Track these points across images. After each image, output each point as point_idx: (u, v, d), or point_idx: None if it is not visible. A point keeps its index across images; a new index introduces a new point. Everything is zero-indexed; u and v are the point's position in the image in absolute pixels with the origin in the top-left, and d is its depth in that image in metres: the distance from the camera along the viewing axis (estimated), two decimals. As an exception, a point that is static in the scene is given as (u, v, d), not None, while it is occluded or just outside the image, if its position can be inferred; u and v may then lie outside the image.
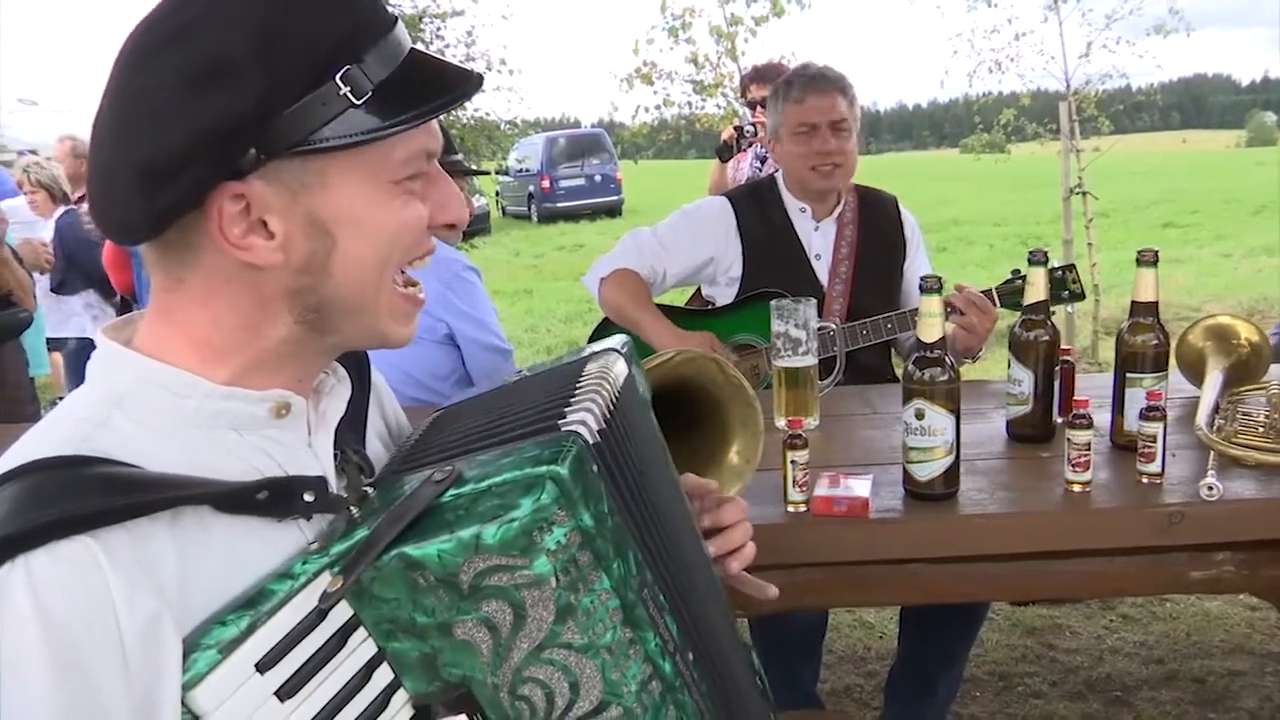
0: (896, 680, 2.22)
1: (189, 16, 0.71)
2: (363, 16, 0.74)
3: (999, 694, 2.55)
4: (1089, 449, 1.39)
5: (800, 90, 2.26)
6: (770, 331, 1.92)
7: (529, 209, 18.09)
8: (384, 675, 0.75)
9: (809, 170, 2.28)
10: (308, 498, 0.76)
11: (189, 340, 0.77)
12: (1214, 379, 1.65)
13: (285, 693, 0.69)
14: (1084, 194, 5.06)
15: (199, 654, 0.66)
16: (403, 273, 0.82)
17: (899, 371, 2.52)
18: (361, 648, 0.74)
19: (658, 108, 5.94)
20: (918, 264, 2.48)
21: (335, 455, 0.84)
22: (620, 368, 0.92)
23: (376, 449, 0.95)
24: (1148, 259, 1.51)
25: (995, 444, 1.65)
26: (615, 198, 17.82)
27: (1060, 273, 2.19)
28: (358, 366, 0.93)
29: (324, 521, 0.78)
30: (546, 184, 17.39)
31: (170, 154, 0.70)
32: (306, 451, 0.81)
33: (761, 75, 3.73)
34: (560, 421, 0.80)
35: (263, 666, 0.68)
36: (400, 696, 0.76)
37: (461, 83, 0.78)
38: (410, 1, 5.96)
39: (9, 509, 0.65)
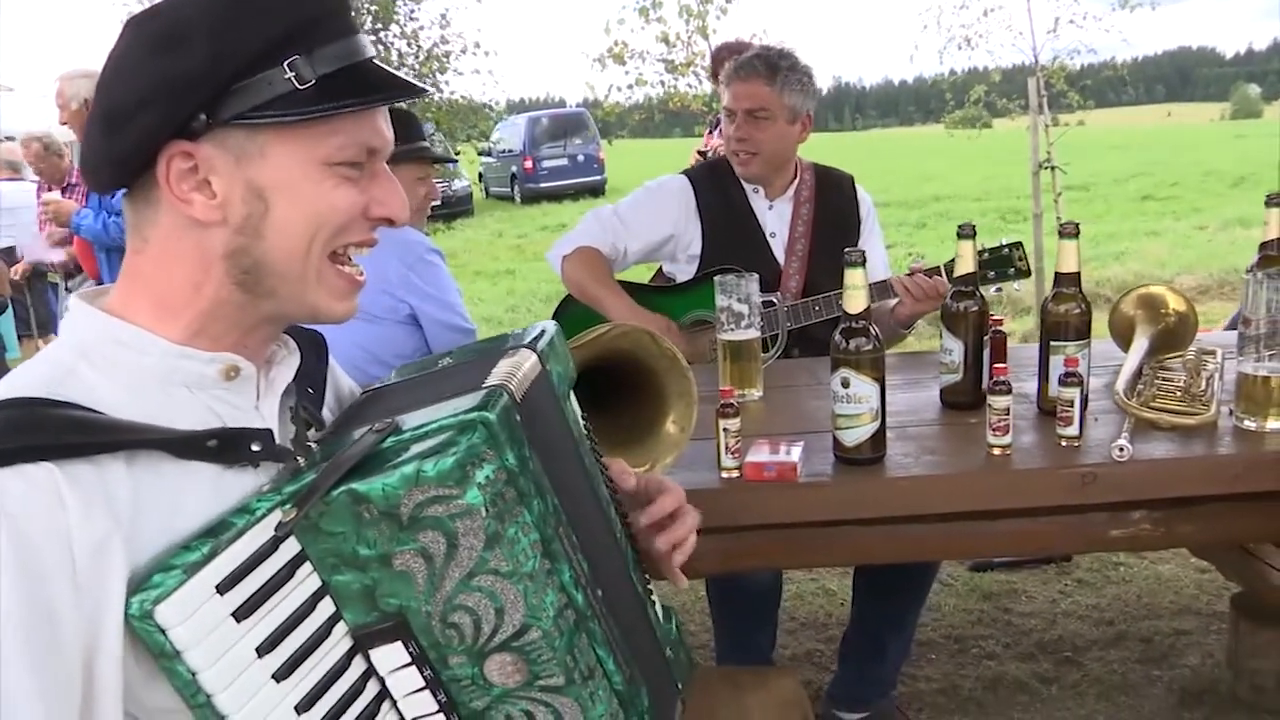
0: (849, 643, 2.30)
1: (165, 2, 0.84)
2: (321, 18, 0.84)
3: (953, 656, 2.63)
4: (1008, 414, 1.45)
5: (727, 76, 2.33)
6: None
7: (512, 190, 18.05)
8: (327, 606, 0.84)
9: (731, 154, 2.36)
10: (255, 447, 0.85)
11: (149, 298, 0.86)
12: (1138, 346, 1.72)
13: (241, 614, 0.77)
14: (1053, 168, 5.11)
15: (166, 574, 0.74)
16: (344, 254, 0.90)
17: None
18: (308, 580, 0.83)
19: (630, 87, 5.98)
20: (872, 241, 2.54)
21: (289, 413, 0.93)
22: (531, 364, 0.99)
23: (328, 420, 1.02)
24: (1069, 231, 1.57)
25: (929, 411, 1.71)
26: (598, 178, 17.80)
27: (1007, 250, 2.25)
28: (314, 344, 1.02)
29: (273, 471, 0.87)
30: (529, 164, 17.37)
31: (127, 102, 0.82)
32: (254, 414, 0.90)
33: (730, 52, 3.76)
34: (485, 383, 0.88)
35: (222, 588, 0.76)
36: (341, 627, 0.84)
37: (403, 90, 0.90)
38: (383, -17, 5.98)
39: None
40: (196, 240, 0.85)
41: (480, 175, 19.29)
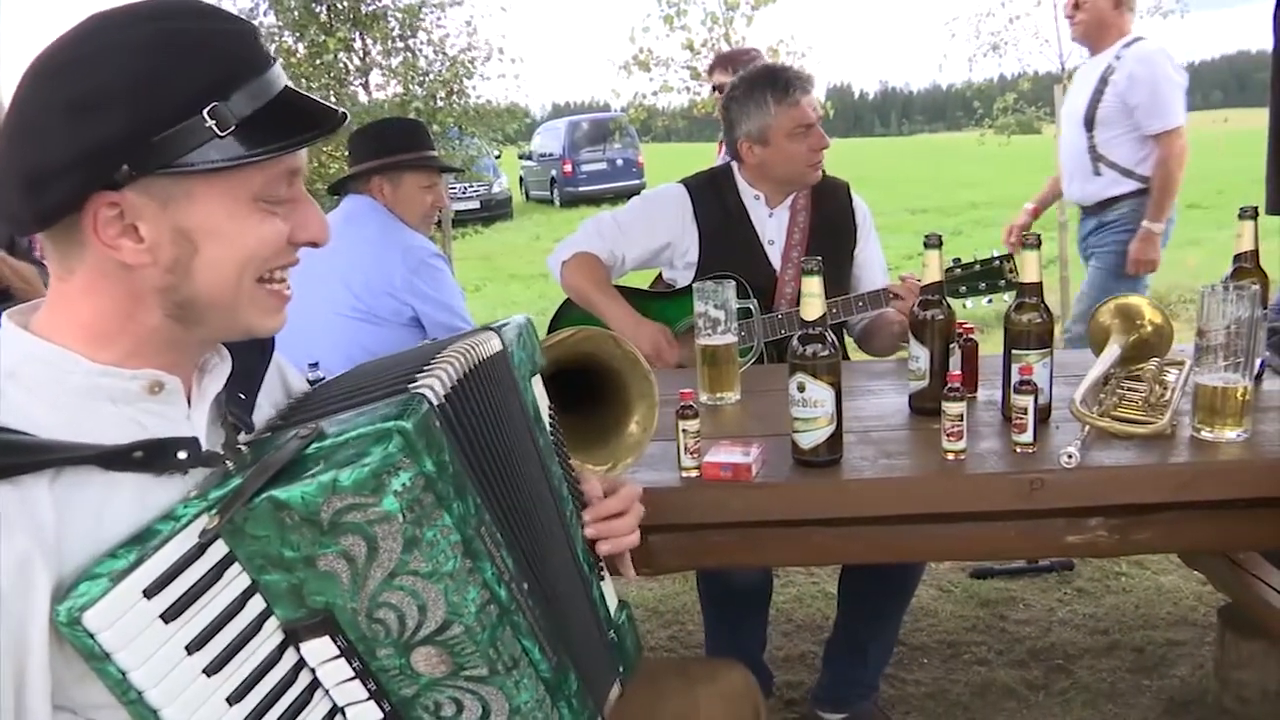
0: (833, 646, 2.33)
1: (81, 52, 0.85)
2: (233, 63, 0.86)
3: (945, 661, 2.65)
4: (961, 420, 1.49)
5: (794, 91, 2.31)
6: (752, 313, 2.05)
7: (551, 193, 18.21)
8: (257, 604, 0.88)
9: (807, 168, 2.36)
10: (181, 455, 0.89)
11: (76, 324, 0.89)
12: (1107, 355, 1.74)
13: (169, 615, 0.82)
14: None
15: (92, 582, 0.79)
16: (271, 275, 0.94)
17: (851, 351, 2.63)
18: (237, 580, 0.87)
19: (654, 94, 6.05)
20: (869, 249, 2.57)
21: (222, 419, 0.98)
22: (492, 344, 1.05)
23: (264, 419, 1.08)
24: (1031, 243, 1.60)
25: (897, 417, 1.75)
26: (637, 181, 17.87)
27: (997, 262, 2.28)
28: (259, 345, 1.06)
29: (202, 476, 0.92)
30: (569, 168, 17.49)
31: (49, 167, 0.83)
32: (184, 423, 0.94)
33: (727, 61, 3.80)
34: (410, 386, 0.94)
35: (149, 593, 0.81)
36: (272, 622, 0.89)
37: (323, 120, 0.91)
38: (410, -8, 6.15)
39: None
40: (126, 279, 0.88)
41: (520, 179, 19.48)
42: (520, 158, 19.24)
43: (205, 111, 0.83)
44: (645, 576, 3.26)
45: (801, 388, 1.48)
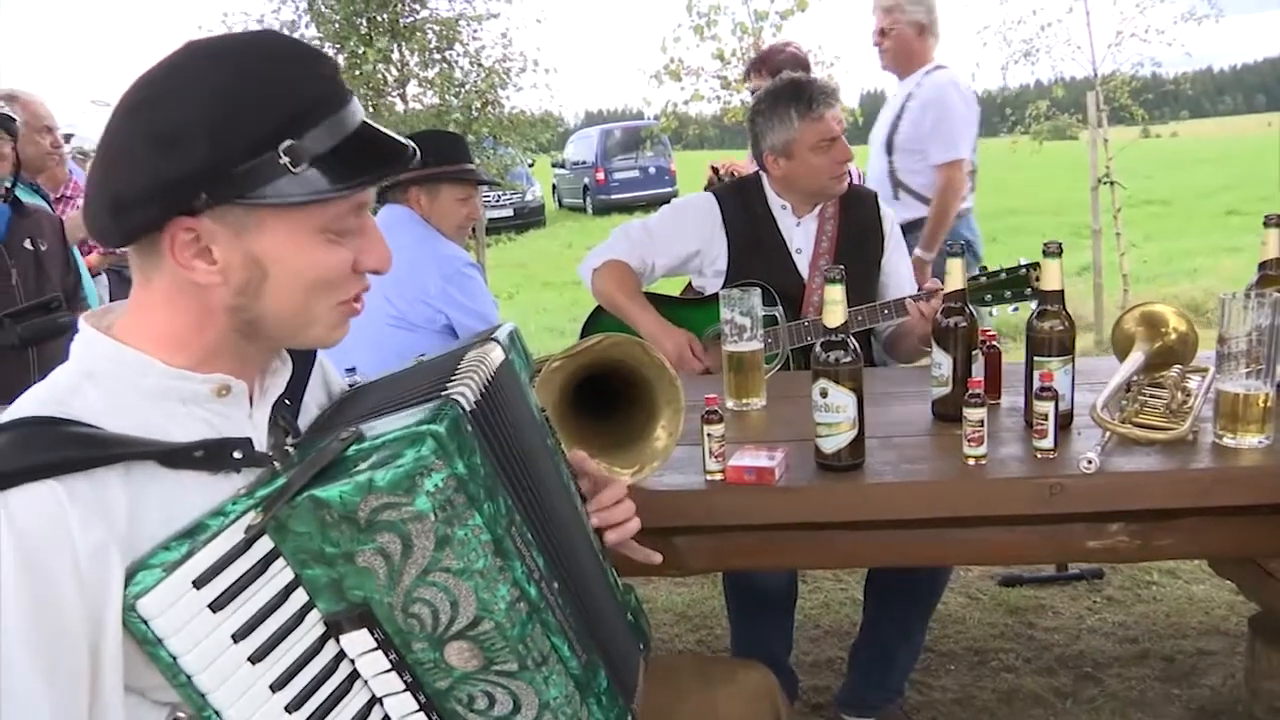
0: (858, 650, 2.36)
1: (165, 89, 0.92)
2: (308, 102, 0.91)
3: (972, 668, 2.66)
4: (982, 425, 1.52)
5: (818, 105, 2.34)
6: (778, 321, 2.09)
7: (584, 201, 18.31)
8: (300, 597, 0.93)
9: (830, 180, 2.40)
10: (236, 455, 0.96)
11: (153, 330, 0.96)
12: (1130, 362, 1.75)
13: (216, 605, 0.88)
14: (1111, 184, 5.04)
15: (147, 571, 0.85)
16: (340, 303, 0.99)
17: (877, 358, 2.65)
18: (281, 574, 0.92)
19: (686, 103, 6.11)
20: (896, 258, 2.59)
21: (274, 421, 1.04)
22: (496, 355, 1.09)
23: (315, 415, 1.15)
24: (1053, 250, 1.62)
25: (920, 423, 1.78)
26: (669, 189, 17.93)
27: (1024, 270, 2.29)
28: (305, 352, 1.12)
29: (254, 474, 0.97)
30: (601, 176, 17.59)
31: (133, 193, 0.90)
32: (247, 423, 1.00)
33: (761, 64, 3.82)
34: (443, 391, 0.99)
35: (199, 583, 0.87)
36: (314, 615, 0.94)
37: (394, 159, 0.97)
38: (447, 5, 6.26)
39: None
40: (199, 295, 0.94)
41: (553, 187, 19.61)
42: (553, 166, 19.36)
43: (280, 148, 0.88)
44: (674, 582, 3.30)
45: (824, 393, 1.51)
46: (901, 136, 3.58)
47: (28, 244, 2.79)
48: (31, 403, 0.90)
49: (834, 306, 1.52)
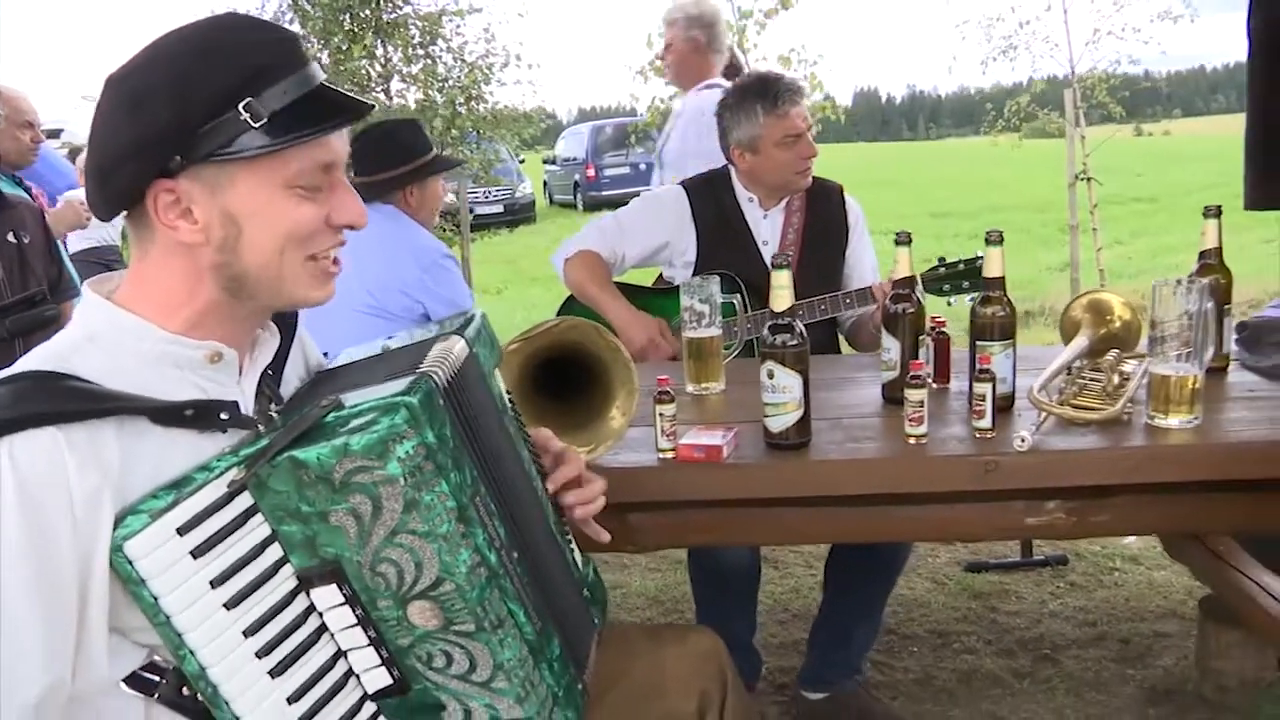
0: (818, 630, 2.42)
1: (137, 63, 1.01)
2: (264, 64, 0.99)
3: (934, 650, 2.72)
4: (922, 406, 1.58)
5: (783, 103, 2.40)
6: (734, 310, 2.15)
7: (575, 197, 18.35)
8: (275, 551, 1.00)
9: (795, 175, 2.46)
10: (223, 416, 1.04)
11: (150, 296, 1.04)
12: (1072, 348, 1.82)
13: (197, 552, 0.95)
14: (1088, 180, 5.12)
15: (135, 516, 0.93)
16: (314, 256, 1.06)
17: (843, 346, 2.72)
18: (259, 528, 1.00)
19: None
20: (860, 249, 2.66)
21: (261, 384, 1.12)
22: (460, 348, 1.15)
23: (295, 386, 1.21)
24: (994, 239, 1.68)
25: (870, 406, 1.84)
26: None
27: (980, 261, 2.36)
28: (286, 324, 1.20)
29: (240, 436, 1.05)
30: (591, 172, 17.62)
31: (112, 158, 1.00)
32: (235, 388, 1.08)
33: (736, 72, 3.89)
34: (419, 368, 1.05)
35: (182, 531, 0.95)
36: (287, 569, 1.01)
37: (350, 109, 1.04)
38: (429, 1, 6.31)
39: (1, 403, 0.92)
40: (187, 257, 1.02)
41: (544, 183, 19.64)
42: (545, 162, 19.39)
43: (240, 106, 0.96)
44: (648, 568, 3.36)
45: (771, 374, 1.57)
46: (669, 151, 3.66)
47: (10, 237, 2.84)
48: (36, 359, 0.99)
49: (780, 292, 1.58)
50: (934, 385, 1.89)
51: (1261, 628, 2.08)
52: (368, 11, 6.00)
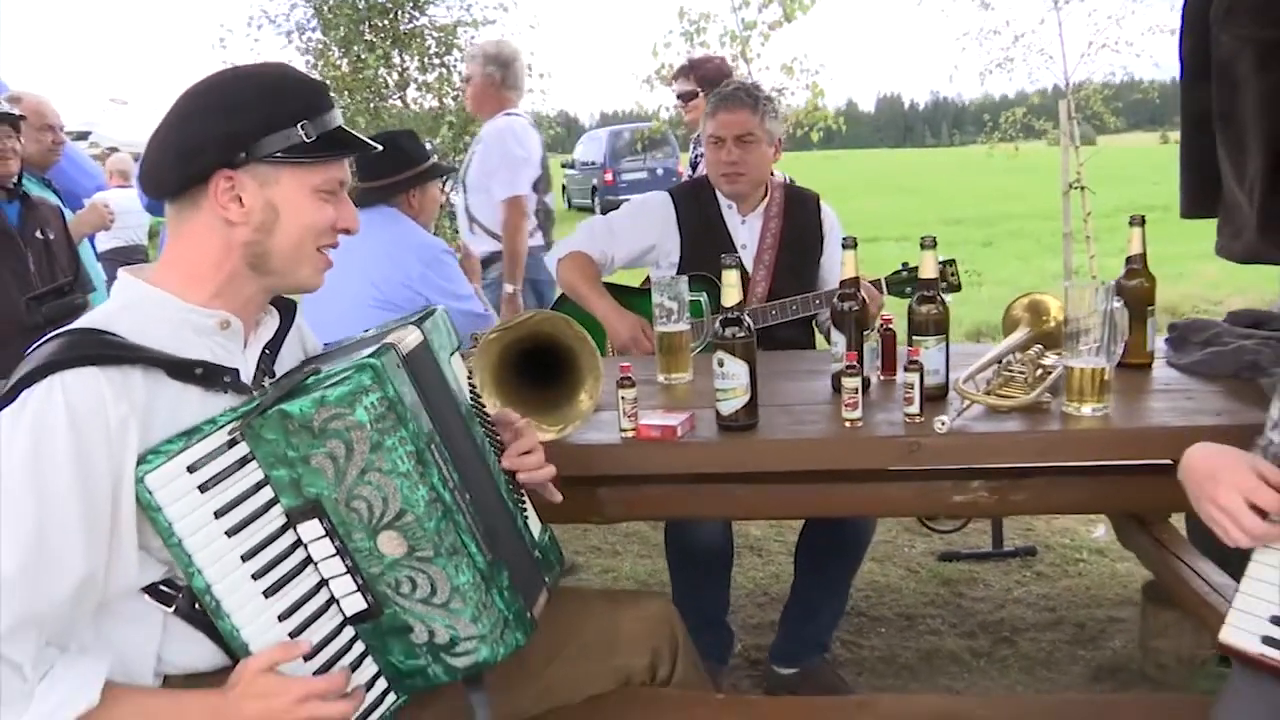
0: (788, 608, 2.59)
1: (226, 77, 1.31)
2: (315, 101, 1.30)
3: (900, 631, 2.89)
4: (857, 392, 1.76)
5: (714, 106, 2.63)
6: (701, 308, 2.35)
7: (593, 201, 18.58)
8: (268, 492, 1.21)
9: (719, 176, 2.68)
10: (226, 379, 1.27)
11: (179, 271, 1.28)
12: (1004, 343, 1.99)
13: (204, 487, 1.18)
14: (1082, 189, 5.26)
15: (154, 455, 1.16)
16: (321, 249, 1.34)
17: (819, 343, 2.89)
18: (254, 473, 1.21)
19: (676, 107, 6.34)
20: (835, 255, 2.84)
21: (260, 360, 1.35)
22: (413, 336, 1.35)
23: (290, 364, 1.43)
24: (928, 244, 1.86)
25: (820, 395, 2.02)
26: (677, 191, 18.13)
27: (941, 265, 2.54)
28: (288, 311, 1.44)
29: (241, 398, 1.27)
30: (609, 177, 17.86)
31: (199, 142, 1.25)
32: (241, 356, 1.32)
33: (690, 69, 4.11)
34: (383, 341, 1.26)
35: (191, 469, 1.17)
36: (278, 508, 1.22)
37: (362, 146, 1.37)
38: (445, 12, 6.55)
39: (54, 349, 1.17)
40: (224, 234, 1.27)
41: (563, 187, 19.89)
42: (563, 167, 19.63)
43: (299, 125, 1.26)
44: (639, 554, 3.55)
45: (721, 363, 1.76)
46: (471, 175, 3.95)
47: (38, 234, 3.09)
48: (82, 321, 1.25)
49: (730, 289, 1.76)
50: (881, 377, 2.07)
51: (1196, 610, 2.23)
52: (386, 22, 6.26)
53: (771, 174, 3.48)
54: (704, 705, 1.56)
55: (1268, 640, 1.27)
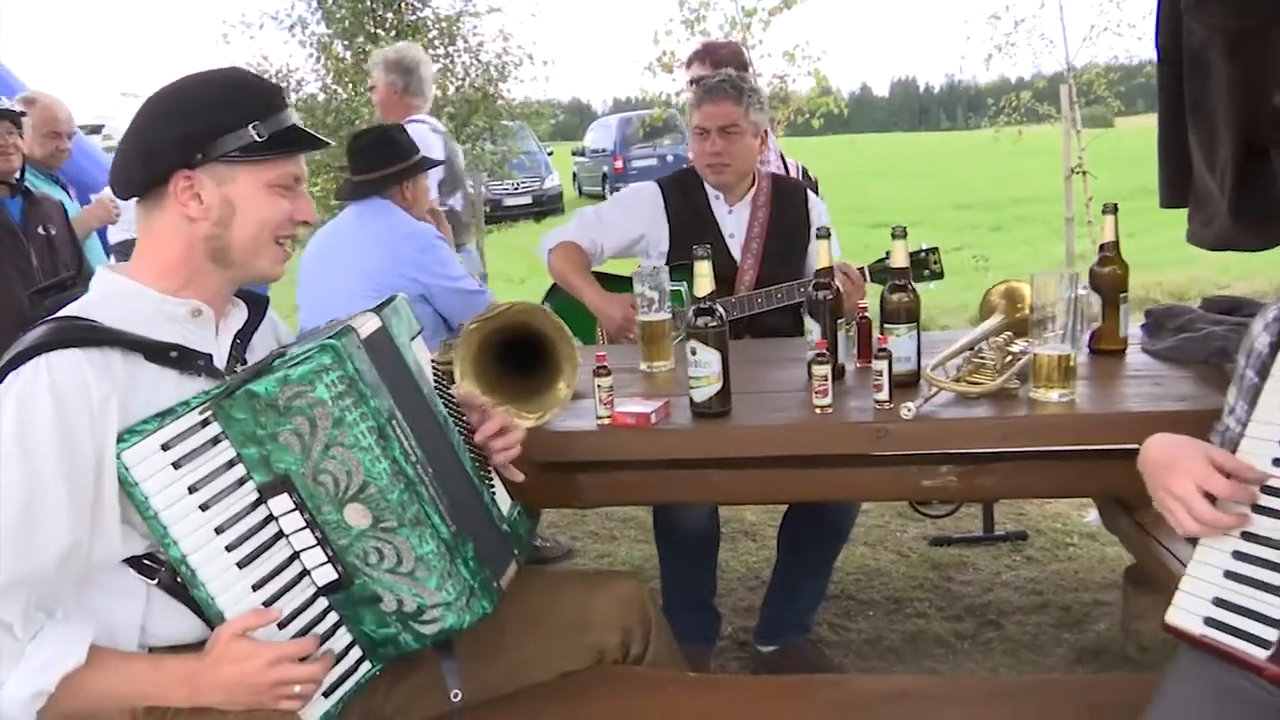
0: (772, 590, 2.64)
1: (185, 84, 1.39)
2: (268, 102, 1.38)
3: (888, 614, 2.93)
4: (826, 380, 1.80)
5: (699, 97, 2.66)
6: (682, 297, 2.40)
7: (603, 189, 18.57)
8: (240, 470, 1.28)
9: (705, 167, 2.71)
10: (200, 363, 1.35)
11: (150, 268, 1.38)
12: (977, 330, 2.02)
13: (178, 464, 1.25)
14: (1084, 174, 5.26)
15: (130, 434, 1.23)
16: (281, 241, 1.41)
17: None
18: (226, 451, 1.28)
19: (678, 94, 6.37)
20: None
21: (231, 348, 1.43)
22: (373, 321, 1.40)
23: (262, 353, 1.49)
24: (898, 234, 1.90)
25: (795, 383, 2.05)
26: (688, 178, 18.10)
27: (924, 254, 2.58)
28: (259, 305, 1.51)
29: (213, 382, 1.34)
30: (619, 164, 17.84)
31: (160, 144, 1.34)
32: (213, 342, 1.40)
33: (705, 53, 4.10)
34: (345, 324, 1.32)
35: (166, 447, 1.24)
36: (250, 484, 1.29)
37: (312, 143, 1.44)
38: (449, 3, 6.59)
39: (38, 335, 1.26)
40: (187, 230, 1.36)
41: (574, 174, 19.90)
42: (574, 154, 19.64)
43: (251, 126, 1.33)
44: (635, 540, 3.61)
45: (694, 351, 1.80)
46: None
47: (40, 229, 3.16)
48: (64, 311, 1.33)
49: (702, 279, 1.80)
50: (858, 364, 2.11)
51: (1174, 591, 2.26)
52: (391, 14, 6.31)
53: (783, 160, 3.52)
54: (675, 683, 1.61)
55: (1210, 621, 1.30)
